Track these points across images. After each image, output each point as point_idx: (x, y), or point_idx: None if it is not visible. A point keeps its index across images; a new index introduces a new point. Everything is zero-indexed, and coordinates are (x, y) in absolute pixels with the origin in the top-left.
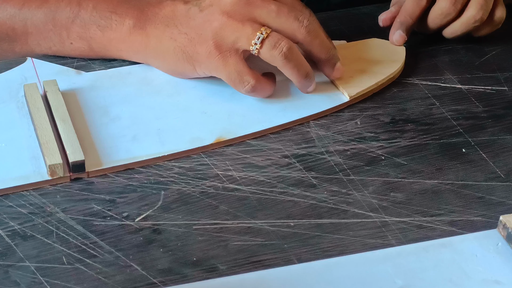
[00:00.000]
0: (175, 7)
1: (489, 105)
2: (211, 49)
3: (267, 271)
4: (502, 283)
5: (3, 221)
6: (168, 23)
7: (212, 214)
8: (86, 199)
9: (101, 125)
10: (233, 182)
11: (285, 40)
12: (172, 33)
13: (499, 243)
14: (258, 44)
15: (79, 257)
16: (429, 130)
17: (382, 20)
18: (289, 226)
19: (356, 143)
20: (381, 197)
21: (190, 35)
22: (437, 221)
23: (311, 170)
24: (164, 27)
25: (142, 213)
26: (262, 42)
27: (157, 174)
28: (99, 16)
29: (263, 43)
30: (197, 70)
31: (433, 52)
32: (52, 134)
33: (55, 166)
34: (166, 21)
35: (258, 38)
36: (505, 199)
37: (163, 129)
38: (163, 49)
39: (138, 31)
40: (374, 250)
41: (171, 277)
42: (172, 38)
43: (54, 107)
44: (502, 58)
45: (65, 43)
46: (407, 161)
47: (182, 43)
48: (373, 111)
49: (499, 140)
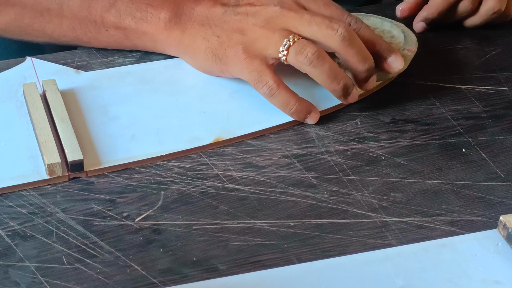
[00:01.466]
0: (212, 6)
1: (489, 105)
2: (239, 53)
3: (267, 271)
4: (502, 283)
5: (3, 221)
6: (203, 22)
7: (212, 214)
8: (86, 199)
9: (100, 124)
10: (233, 182)
11: (311, 45)
12: (206, 33)
13: (499, 243)
14: (284, 51)
15: (79, 257)
16: (429, 130)
17: (400, 11)
18: (289, 226)
19: (356, 143)
20: (381, 197)
21: (222, 38)
22: (437, 221)
23: (311, 170)
24: (199, 26)
25: (142, 213)
26: (288, 49)
27: (157, 174)
28: (135, 7)
29: (289, 50)
30: (224, 73)
31: (433, 52)
32: (51, 134)
33: (53, 165)
34: (201, 19)
35: (284, 45)
36: (505, 199)
37: (162, 128)
38: (195, 47)
39: (173, 26)
40: (374, 250)
41: (171, 277)
42: (205, 38)
43: (53, 106)
44: (502, 58)
45: (101, 30)
46: (407, 161)
47: (213, 44)
48: (373, 111)
49: (499, 140)
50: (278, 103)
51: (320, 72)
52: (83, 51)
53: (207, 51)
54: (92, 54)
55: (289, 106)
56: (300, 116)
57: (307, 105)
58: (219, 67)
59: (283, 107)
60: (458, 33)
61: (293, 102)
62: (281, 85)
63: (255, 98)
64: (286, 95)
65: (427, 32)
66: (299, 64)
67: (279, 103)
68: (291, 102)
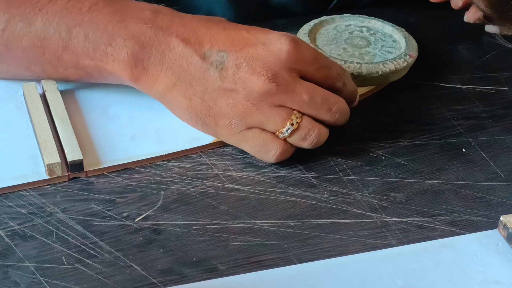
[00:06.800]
0: (188, 56)
1: (489, 105)
2: (231, 125)
3: (267, 271)
4: (503, 283)
5: (2, 221)
6: (179, 75)
7: (212, 214)
8: (86, 199)
9: (100, 124)
10: (233, 182)
11: (316, 131)
12: (185, 91)
13: (499, 243)
14: (286, 134)
15: (79, 257)
16: (429, 130)
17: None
18: (289, 226)
19: (356, 143)
20: (381, 197)
21: (207, 103)
22: (438, 221)
23: (311, 170)
24: (175, 79)
25: (142, 213)
26: (292, 134)
27: (157, 174)
28: (92, 48)
29: (293, 135)
30: (212, 135)
31: (433, 52)
32: (51, 134)
33: (53, 165)
34: (176, 70)
35: (287, 130)
36: (505, 199)
37: (162, 128)
38: (175, 103)
39: (140, 72)
40: (374, 250)
41: (171, 277)
42: (185, 96)
43: (53, 106)
44: (502, 58)
45: (59, 69)
46: (407, 161)
47: (197, 107)
48: (373, 111)
49: (500, 140)
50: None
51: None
52: None
53: (190, 111)
54: None
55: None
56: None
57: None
58: (206, 131)
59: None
60: (458, 33)
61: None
62: (283, 142)
63: None
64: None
65: (427, 32)
66: (300, 146)
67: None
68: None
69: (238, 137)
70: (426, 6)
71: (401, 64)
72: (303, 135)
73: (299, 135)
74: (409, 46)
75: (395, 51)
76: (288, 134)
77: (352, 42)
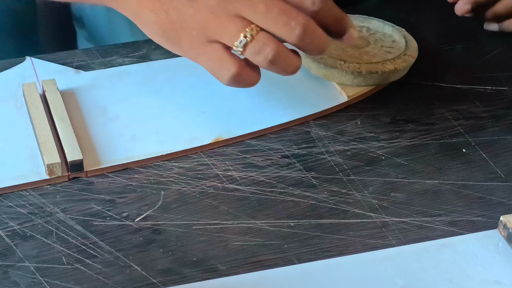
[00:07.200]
0: None
1: (489, 105)
2: (192, 37)
3: (267, 271)
4: (503, 284)
5: (2, 221)
6: None
7: (212, 214)
8: (86, 199)
9: (100, 124)
10: (233, 182)
11: (271, 46)
12: (153, 5)
13: (499, 243)
14: (240, 48)
15: (78, 257)
16: (429, 130)
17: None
18: (289, 226)
19: (356, 143)
20: (381, 197)
21: (171, 16)
22: (438, 221)
23: (311, 170)
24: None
25: (142, 213)
26: (245, 47)
27: (156, 174)
28: None
29: (247, 48)
30: (178, 53)
31: (433, 52)
32: (51, 134)
33: (53, 165)
34: None
35: (240, 42)
36: (505, 199)
37: (162, 128)
38: (144, 19)
39: None
40: (374, 250)
41: (171, 277)
42: (153, 11)
43: (53, 106)
44: (502, 58)
45: None
46: (407, 161)
47: (163, 21)
48: (373, 111)
49: (500, 140)
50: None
51: (278, 69)
52: (83, 51)
53: (157, 27)
54: (92, 54)
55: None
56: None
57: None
58: (170, 47)
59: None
60: (458, 33)
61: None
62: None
63: (255, 98)
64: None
65: (427, 32)
66: (256, 63)
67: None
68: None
69: (198, 50)
70: (426, 6)
71: (400, 64)
72: (257, 49)
73: (252, 48)
74: (409, 46)
75: (395, 51)
76: (242, 47)
77: None
